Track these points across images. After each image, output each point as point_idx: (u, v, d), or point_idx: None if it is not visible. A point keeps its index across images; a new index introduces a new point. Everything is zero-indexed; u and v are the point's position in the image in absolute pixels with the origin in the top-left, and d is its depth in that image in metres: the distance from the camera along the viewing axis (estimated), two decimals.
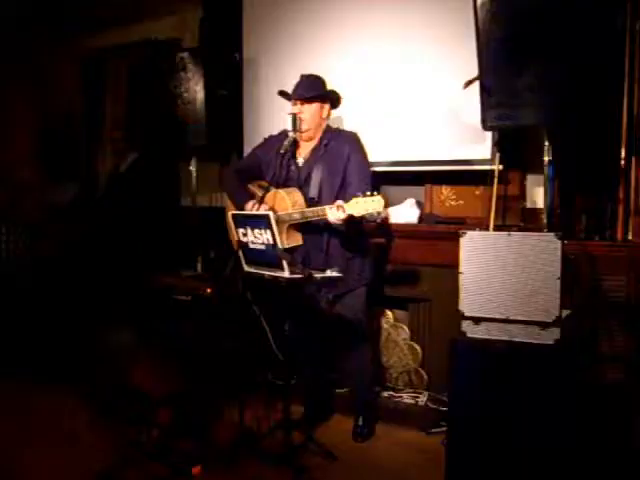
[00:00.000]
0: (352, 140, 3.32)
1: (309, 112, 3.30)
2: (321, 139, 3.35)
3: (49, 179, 6.46)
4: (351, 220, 2.95)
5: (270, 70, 4.56)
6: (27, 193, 5.31)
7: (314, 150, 3.34)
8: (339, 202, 2.94)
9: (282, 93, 3.41)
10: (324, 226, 3.20)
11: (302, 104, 3.29)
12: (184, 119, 4.35)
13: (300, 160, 3.37)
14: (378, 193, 2.84)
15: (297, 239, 3.28)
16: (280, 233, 2.95)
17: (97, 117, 6.23)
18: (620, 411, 2.91)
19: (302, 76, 3.37)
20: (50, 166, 6.57)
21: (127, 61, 5.87)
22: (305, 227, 3.26)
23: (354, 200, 2.88)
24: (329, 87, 3.38)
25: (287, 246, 3.15)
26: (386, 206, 3.96)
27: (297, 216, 3.16)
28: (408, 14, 3.95)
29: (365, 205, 2.85)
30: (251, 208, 3.26)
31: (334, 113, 3.47)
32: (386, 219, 3.95)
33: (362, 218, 2.92)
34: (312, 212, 3.13)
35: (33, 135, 6.71)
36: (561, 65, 2.77)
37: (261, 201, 3.16)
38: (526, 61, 2.84)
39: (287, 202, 3.23)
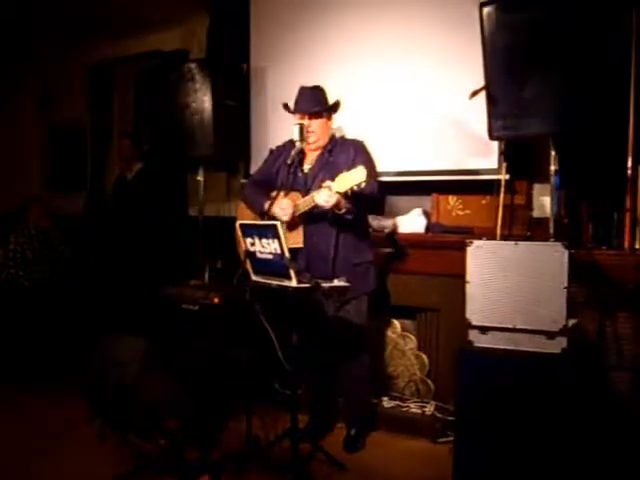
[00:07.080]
0: (358, 145, 3.36)
1: (318, 126, 3.31)
2: (326, 146, 3.36)
3: (57, 189, 6.53)
4: (339, 206, 2.99)
5: (277, 80, 4.59)
6: (36, 202, 5.31)
7: (319, 157, 3.37)
8: (326, 182, 2.97)
9: (286, 106, 3.42)
10: (331, 232, 3.23)
11: (309, 118, 3.30)
12: (192, 129, 4.37)
13: (306, 167, 3.39)
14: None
15: (296, 240, 3.28)
16: None
17: (105, 127, 6.28)
18: (627, 420, 2.89)
19: (302, 88, 3.38)
20: (58, 176, 6.64)
21: (135, 72, 5.91)
22: (312, 235, 3.28)
23: (338, 177, 2.90)
24: (335, 98, 3.39)
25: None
26: (393, 215, 4.02)
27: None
28: (414, 25, 3.98)
29: (349, 178, 2.85)
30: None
31: (340, 122, 3.47)
32: (395, 229, 3.95)
33: (350, 195, 2.93)
34: (302, 202, 3.20)
35: (41, 145, 6.80)
36: (567, 74, 2.78)
37: (268, 210, 3.20)
38: (532, 71, 2.85)
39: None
